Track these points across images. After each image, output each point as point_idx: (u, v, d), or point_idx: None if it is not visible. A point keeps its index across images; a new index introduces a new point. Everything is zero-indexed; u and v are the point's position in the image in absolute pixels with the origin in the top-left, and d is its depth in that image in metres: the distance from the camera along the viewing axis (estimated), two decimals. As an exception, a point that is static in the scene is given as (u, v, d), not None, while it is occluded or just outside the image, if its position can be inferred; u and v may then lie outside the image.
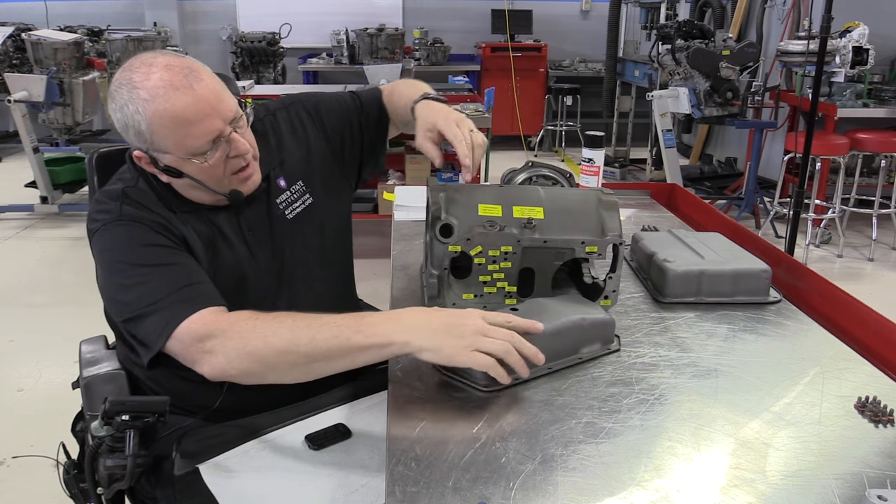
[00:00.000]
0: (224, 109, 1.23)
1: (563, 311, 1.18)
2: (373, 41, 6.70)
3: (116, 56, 4.85)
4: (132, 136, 1.23)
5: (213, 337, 1.12)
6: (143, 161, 1.26)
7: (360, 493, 1.08)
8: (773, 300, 1.39)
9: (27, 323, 3.48)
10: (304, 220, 1.42)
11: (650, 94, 5.01)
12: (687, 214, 2.02)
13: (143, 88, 1.18)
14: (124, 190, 1.28)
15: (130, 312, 1.19)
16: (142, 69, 1.19)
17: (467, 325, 1.04)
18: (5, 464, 2.39)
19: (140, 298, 1.18)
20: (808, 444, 0.94)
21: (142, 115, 1.18)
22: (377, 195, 4.44)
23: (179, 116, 1.18)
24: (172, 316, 1.15)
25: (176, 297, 1.17)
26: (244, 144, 1.27)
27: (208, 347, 1.12)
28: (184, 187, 1.30)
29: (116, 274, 1.22)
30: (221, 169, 1.26)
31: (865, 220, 4.85)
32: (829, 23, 3.34)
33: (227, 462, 1.17)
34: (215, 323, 1.13)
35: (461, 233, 1.25)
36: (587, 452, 0.91)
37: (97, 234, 1.26)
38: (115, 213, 1.25)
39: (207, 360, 1.12)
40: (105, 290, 1.25)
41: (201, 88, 1.20)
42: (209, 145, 1.22)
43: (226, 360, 1.11)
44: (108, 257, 1.24)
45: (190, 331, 1.13)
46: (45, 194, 5.06)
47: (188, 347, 1.13)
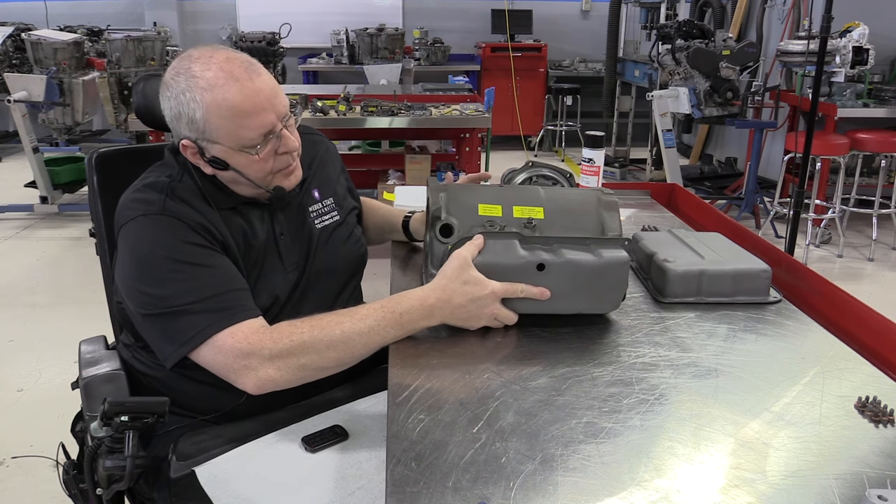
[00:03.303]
0: (279, 105, 1.25)
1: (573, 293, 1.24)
2: (373, 41, 6.70)
3: (116, 56, 4.84)
4: (184, 125, 1.23)
5: (257, 354, 1.13)
6: (190, 151, 1.26)
7: (357, 495, 1.08)
8: (774, 300, 1.39)
9: (27, 323, 3.48)
10: (331, 235, 1.44)
11: (650, 94, 5.01)
12: (687, 214, 2.01)
13: (203, 78, 1.20)
14: (170, 184, 1.27)
15: (161, 308, 1.17)
16: (202, 59, 1.22)
17: (484, 313, 1.20)
18: (5, 464, 2.38)
19: (175, 295, 1.16)
20: (808, 444, 0.94)
21: (198, 104, 1.20)
22: (377, 195, 4.44)
23: (237, 108, 1.20)
24: (210, 323, 1.15)
25: (214, 302, 1.16)
26: (294, 141, 1.29)
27: (253, 364, 1.13)
28: (228, 181, 1.30)
29: (150, 266, 1.20)
30: (269, 164, 1.27)
31: (865, 220, 4.85)
32: (829, 23, 3.34)
33: (223, 464, 1.17)
34: (259, 341, 1.14)
35: (461, 233, 1.25)
36: (587, 452, 0.91)
37: (134, 221, 1.23)
38: (157, 206, 1.23)
39: (252, 375, 1.13)
40: (131, 280, 1.22)
41: (260, 82, 1.22)
42: (261, 139, 1.24)
43: (276, 373, 1.14)
44: (144, 248, 1.21)
45: (234, 347, 1.14)
46: (44, 194, 5.06)
47: (230, 363, 1.14)
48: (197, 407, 1.32)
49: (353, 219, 1.52)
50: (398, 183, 4.45)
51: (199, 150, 1.25)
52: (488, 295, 1.19)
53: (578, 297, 1.25)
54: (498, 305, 1.20)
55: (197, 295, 1.16)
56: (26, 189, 5.19)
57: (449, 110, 4.30)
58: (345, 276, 1.46)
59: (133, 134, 5.17)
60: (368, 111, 4.12)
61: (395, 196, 2.00)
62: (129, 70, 4.85)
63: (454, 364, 1.14)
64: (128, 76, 4.85)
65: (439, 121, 4.21)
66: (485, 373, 1.11)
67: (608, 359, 1.16)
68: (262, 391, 1.15)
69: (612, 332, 1.27)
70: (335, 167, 1.55)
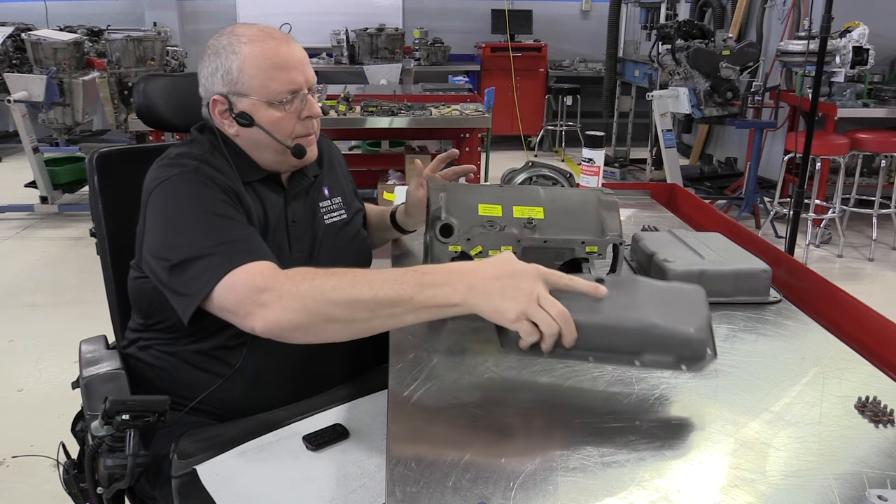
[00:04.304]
0: (308, 72, 1.35)
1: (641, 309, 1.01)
2: (373, 41, 6.71)
3: (116, 56, 4.84)
4: (218, 79, 1.31)
5: (270, 290, 1.08)
6: (219, 108, 1.32)
7: (359, 493, 1.08)
8: (774, 300, 1.39)
9: (27, 323, 3.48)
10: (338, 231, 1.47)
11: (650, 94, 5.01)
12: (687, 214, 2.02)
13: (245, 35, 1.31)
14: (202, 156, 1.31)
15: (183, 255, 1.17)
16: (243, 25, 1.36)
17: (524, 288, 0.99)
18: (5, 464, 2.38)
19: (196, 242, 1.17)
20: (808, 444, 0.94)
21: (237, 55, 1.29)
22: (377, 195, 4.44)
23: (272, 58, 1.30)
24: (228, 261, 1.13)
25: (233, 247, 1.17)
26: (317, 108, 1.37)
27: (264, 300, 1.07)
28: (250, 145, 1.35)
29: (178, 215, 1.22)
30: (293, 124, 1.34)
31: (865, 220, 4.86)
32: (829, 23, 3.34)
33: (224, 463, 1.17)
34: (273, 277, 1.10)
35: (461, 233, 1.25)
36: (587, 452, 0.91)
37: (168, 181, 1.25)
38: (191, 168, 1.27)
39: (262, 313, 1.07)
40: (158, 234, 1.23)
41: (295, 47, 1.35)
42: (288, 95, 1.31)
43: (282, 313, 1.06)
44: (174, 201, 1.24)
45: (247, 281, 1.10)
46: (44, 194, 5.06)
47: (242, 299, 1.10)
48: (198, 397, 1.33)
49: (359, 220, 1.55)
50: (398, 183, 4.45)
51: (229, 105, 1.31)
52: (529, 270, 1.01)
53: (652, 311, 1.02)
54: (542, 287, 0.99)
55: (217, 239, 1.17)
56: (26, 189, 5.19)
57: (449, 110, 4.30)
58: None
59: (133, 134, 5.17)
60: (368, 111, 4.12)
61: (394, 196, 2.00)
62: (129, 70, 4.85)
63: (454, 364, 1.14)
64: (128, 76, 4.85)
65: (439, 121, 4.21)
66: (485, 373, 1.11)
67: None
68: (269, 332, 1.08)
69: (612, 332, 1.27)
70: (343, 169, 1.59)
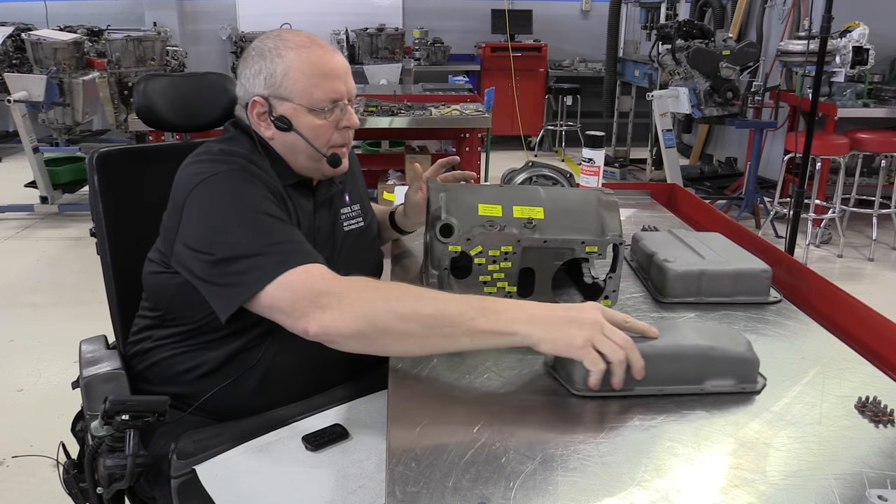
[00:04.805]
0: (349, 82, 1.36)
1: (694, 337, 1.07)
2: (373, 41, 6.70)
3: (116, 56, 4.84)
4: (260, 81, 1.32)
5: (331, 293, 1.08)
6: (258, 109, 1.32)
7: (358, 493, 1.08)
8: (774, 300, 1.39)
9: (27, 323, 3.48)
10: (357, 239, 1.47)
11: (650, 94, 5.01)
12: (687, 214, 2.02)
13: (292, 40, 1.32)
14: (248, 155, 1.32)
15: (232, 251, 1.16)
16: (290, 31, 1.37)
17: (586, 318, 1.01)
18: (5, 464, 2.38)
19: (248, 239, 1.16)
20: (808, 444, 0.94)
21: (282, 59, 1.30)
22: (377, 195, 4.44)
23: (317, 66, 1.31)
24: (282, 261, 1.12)
25: (287, 247, 1.16)
26: (356, 119, 1.38)
27: (323, 303, 1.07)
28: (285, 150, 1.35)
29: (226, 214, 1.20)
30: (330, 134, 1.34)
31: (865, 220, 4.85)
32: (829, 23, 3.34)
33: (223, 463, 1.17)
34: (334, 281, 1.11)
35: (461, 233, 1.25)
36: (587, 452, 0.91)
37: (217, 176, 1.24)
38: (239, 165, 1.27)
39: (319, 316, 1.07)
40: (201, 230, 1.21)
41: (339, 57, 1.36)
42: (330, 104, 1.32)
43: (340, 318, 1.06)
44: (223, 200, 1.22)
45: (305, 283, 1.10)
46: (44, 194, 5.06)
47: (299, 299, 1.09)
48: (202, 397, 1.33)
49: (375, 226, 1.57)
50: (398, 183, 4.45)
51: (269, 108, 1.32)
52: (590, 305, 1.05)
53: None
54: (603, 318, 1.02)
55: (269, 239, 1.16)
56: (26, 189, 5.19)
57: (449, 110, 4.30)
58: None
59: (133, 134, 5.17)
60: (368, 111, 4.12)
61: (394, 196, 2.00)
62: (129, 70, 4.85)
63: (454, 364, 1.14)
64: (128, 76, 4.85)
65: (439, 121, 4.21)
66: (485, 373, 1.11)
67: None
68: (324, 335, 1.08)
69: (613, 332, 1.27)
70: (360, 176, 1.60)
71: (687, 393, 1.05)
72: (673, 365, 1.04)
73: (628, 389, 1.03)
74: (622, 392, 1.02)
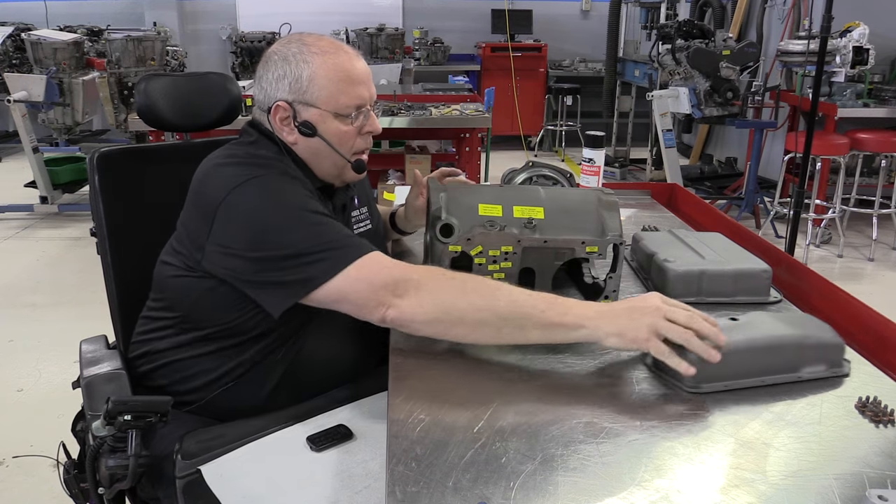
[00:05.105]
0: (373, 89, 1.36)
1: (783, 327, 1.12)
2: (373, 41, 6.70)
3: (116, 56, 4.84)
4: (284, 86, 1.30)
5: (408, 280, 1.11)
6: (281, 114, 1.31)
7: (364, 494, 1.08)
8: (774, 300, 1.39)
9: (27, 323, 3.48)
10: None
11: (650, 94, 5.01)
12: (687, 214, 2.02)
13: (316, 45, 1.31)
14: (278, 158, 1.31)
15: (291, 249, 1.16)
16: (312, 35, 1.35)
17: (648, 305, 1.07)
18: (5, 464, 2.39)
19: (305, 237, 1.17)
20: (808, 444, 0.94)
21: (308, 64, 1.29)
22: (377, 195, 4.44)
23: (345, 72, 1.31)
24: (347, 253, 1.14)
25: (347, 241, 1.18)
26: (378, 125, 1.38)
27: (401, 291, 1.10)
28: (309, 155, 1.34)
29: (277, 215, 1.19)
30: (353, 140, 1.34)
31: (866, 220, 4.85)
32: (830, 23, 3.34)
33: (228, 463, 1.17)
34: (410, 269, 1.13)
35: (462, 233, 1.25)
36: (587, 452, 0.91)
37: (256, 180, 1.23)
38: (278, 169, 1.28)
39: (398, 303, 1.10)
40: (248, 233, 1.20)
41: (362, 63, 1.35)
42: (355, 110, 1.32)
43: (418, 304, 1.10)
44: (267, 201, 1.21)
45: (381, 272, 1.12)
46: (44, 194, 5.06)
47: (377, 288, 1.11)
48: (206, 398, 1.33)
49: (381, 228, 1.58)
50: (398, 183, 4.45)
51: (293, 113, 1.30)
52: (649, 295, 1.11)
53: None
54: (660, 316, 1.05)
55: (327, 236, 1.17)
56: (26, 189, 5.19)
57: (449, 110, 4.30)
58: None
59: (133, 134, 5.17)
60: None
61: (394, 196, 2.00)
62: (129, 70, 4.85)
63: (454, 364, 1.14)
64: (128, 76, 4.85)
65: (439, 121, 4.21)
66: (485, 373, 1.11)
67: (609, 358, 1.16)
68: (402, 321, 1.11)
69: (613, 332, 1.27)
70: (367, 179, 1.59)
71: (784, 382, 1.08)
72: (772, 355, 1.08)
73: (733, 382, 1.06)
74: (729, 386, 1.05)
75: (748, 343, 1.07)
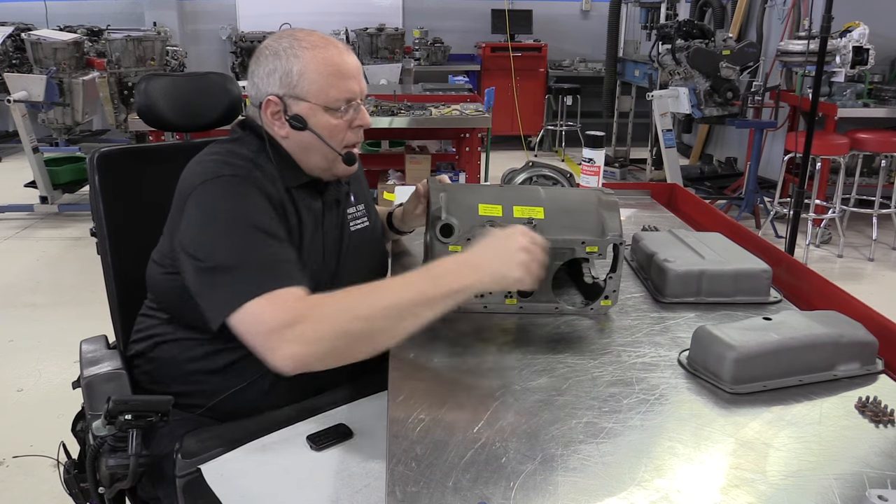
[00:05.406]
0: (363, 83, 1.37)
1: (818, 326, 1.13)
2: (373, 41, 6.70)
3: (116, 56, 4.84)
4: (275, 81, 1.31)
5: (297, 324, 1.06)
6: (272, 108, 1.31)
7: (364, 492, 1.08)
8: (774, 300, 1.39)
9: (27, 323, 3.48)
10: (362, 238, 1.48)
11: (650, 94, 5.01)
12: (687, 214, 2.02)
13: (307, 40, 1.32)
14: (254, 158, 1.31)
15: (217, 261, 1.16)
16: (303, 31, 1.36)
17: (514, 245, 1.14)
18: (5, 464, 2.39)
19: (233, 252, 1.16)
20: (808, 444, 0.94)
21: (298, 59, 1.30)
22: (377, 195, 4.44)
23: (335, 66, 1.32)
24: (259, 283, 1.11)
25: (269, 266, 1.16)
26: (368, 119, 1.39)
27: (288, 337, 1.06)
28: (299, 149, 1.34)
29: (219, 221, 1.20)
30: (343, 133, 1.35)
31: (866, 220, 4.85)
32: (829, 23, 3.34)
33: (229, 462, 1.17)
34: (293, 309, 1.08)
35: (461, 233, 1.25)
36: (587, 452, 0.91)
37: (220, 179, 1.24)
38: (245, 171, 1.27)
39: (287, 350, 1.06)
40: (194, 233, 1.20)
41: (352, 57, 1.37)
42: (345, 103, 1.33)
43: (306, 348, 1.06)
44: (219, 206, 1.22)
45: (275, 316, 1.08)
46: (44, 194, 5.06)
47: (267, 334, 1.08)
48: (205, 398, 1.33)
49: (378, 225, 1.57)
50: (398, 183, 4.45)
51: (283, 107, 1.31)
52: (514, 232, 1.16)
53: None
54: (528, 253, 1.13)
55: (255, 258, 1.16)
56: (26, 189, 5.19)
57: (449, 110, 4.29)
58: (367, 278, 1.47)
59: (133, 134, 5.17)
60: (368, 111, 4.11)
61: (394, 196, 2.00)
62: (129, 70, 4.85)
63: (454, 364, 1.14)
64: (128, 76, 4.85)
65: (439, 121, 4.20)
66: (485, 373, 1.11)
67: (608, 359, 1.17)
68: (300, 370, 1.07)
69: (612, 332, 1.27)
70: (364, 176, 1.60)
71: (820, 381, 1.09)
72: (810, 354, 1.09)
73: (771, 382, 1.07)
74: (767, 386, 1.07)
75: (786, 343, 1.08)
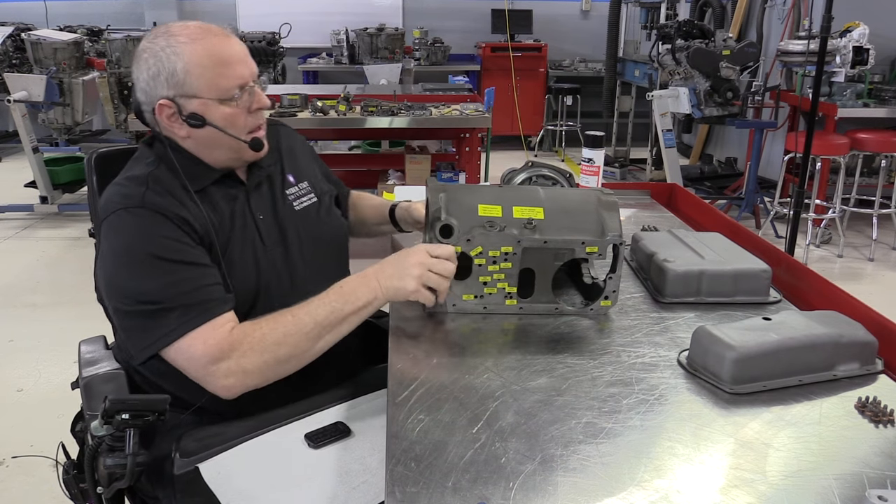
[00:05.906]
0: (251, 63, 1.34)
1: (818, 326, 1.13)
2: (373, 41, 6.70)
3: (116, 56, 4.84)
4: (161, 83, 1.27)
5: (228, 358, 1.17)
6: (166, 112, 1.28)
7: (361, 489, 1.08)
8: (774, 300, 1.39)
9: (27, 323, 3.48)
10: (311, 214, 1.47)
11: (650, 94, 5.01)
12: (687, 214, 2.02)
13: (183, 34, 1.29)
14: (150, 174, 1.29)
15: (135, 304, 1.19)
16: (178, 24, 1.33)
17: (410, 262, 1.23)
18: (5, 464, 2.39)
19: (149, 292, 1.19)
20: (808, 444, 0.94)
21: (179, 56, 1.26)
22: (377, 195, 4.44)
23: (217, 55, 1.28)
24: (180, 323, 1.17)
25: (186, 299, 1.19)
26: (266, 99, 1.36)
27: (223, 370, 1.17)
28: (202, 147, 1.33)
29: (128, 260, 1.22)
30: (244, 119, 1.33)
31: (866, 220, 4.85)
32: (830, 23, 3.34)
33: (226, 461, 1.17)
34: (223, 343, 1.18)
35: (461, 233, 1.25)
36: (587, 452, 0.91)
37: (115, 215, 1.24)
38: (137, 199, 1.25)
39: (222, 383, 1.18)
40: (109, 274, 1.24)
41: (234, 41, 1.34)
42: (237, 90, 1.30)
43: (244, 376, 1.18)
44: (123, 242, 1.23)
45: (205, 352, 1.17)
46: (44, 194, 5.06)
47: (199, 368, 1.18)
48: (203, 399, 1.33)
49: (328, 200, 1.55)
50: (398, 183, 4.45)
51: (177, 108, 1.28)
52: (415, 249, 1.24)
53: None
54: (425, 269, 1.22)
55: (170, 292, 1.19)
56: (26, 189, 5.19)
57: (449, 110, 4.29)
58: (329, 250, 1.49)
59: (133, 134, 5.16)
60: (368, 111, 4.11)
61: (394, 196, 2.00)
62: (129, 70, 4.80)
63: (454, 364, 1.14)
64: (128, 76, 4.85)
65: (439, 121, 4.20)
66: (485, 373, 1.11)
67: (608, 359, 1.16)
68: (239, 394, 1.20)
69: (612, 332, 1.27)
70: (306, 156, 1.58)
71: (820, 381, 1.09)
72: (810, 354, 1.09)
73: (771, 382, 1.07)
74: (767, 386, 1.06)
75: (786, 343, 1.08)
